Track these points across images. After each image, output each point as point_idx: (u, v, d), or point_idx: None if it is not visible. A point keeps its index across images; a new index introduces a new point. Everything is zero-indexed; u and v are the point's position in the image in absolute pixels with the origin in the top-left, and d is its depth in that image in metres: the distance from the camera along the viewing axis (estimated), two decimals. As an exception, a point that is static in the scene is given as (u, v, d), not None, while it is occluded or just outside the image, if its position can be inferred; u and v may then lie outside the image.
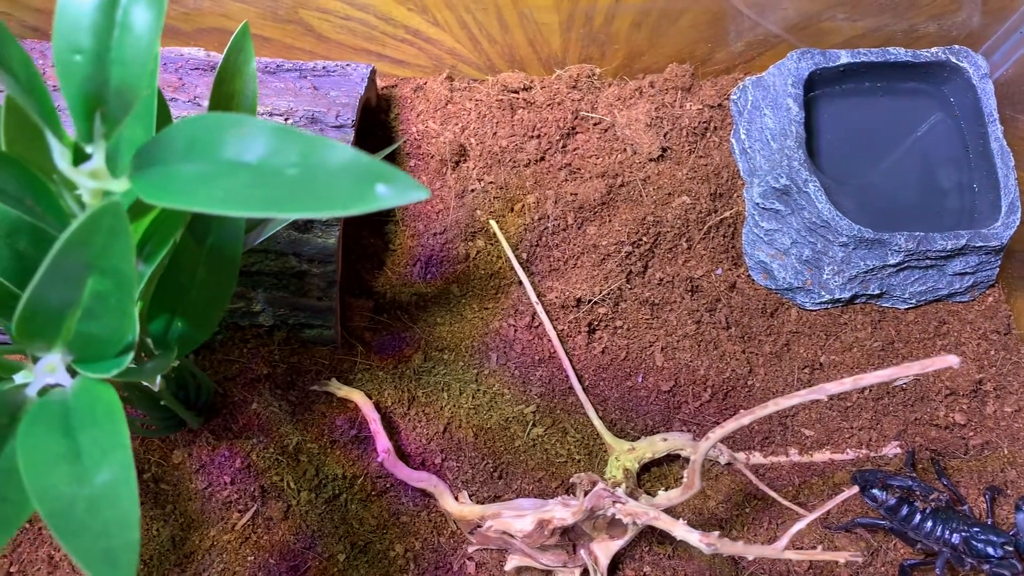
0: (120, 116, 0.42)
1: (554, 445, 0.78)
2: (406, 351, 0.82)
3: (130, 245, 0.37)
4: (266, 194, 0.37)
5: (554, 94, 0.90)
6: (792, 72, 0.83)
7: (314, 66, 0.82)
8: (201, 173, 0.38)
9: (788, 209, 0.81)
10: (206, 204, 0.37)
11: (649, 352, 0.81)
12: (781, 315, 0.83)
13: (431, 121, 0.90)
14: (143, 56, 0.40)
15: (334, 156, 0.37)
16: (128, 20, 0.41)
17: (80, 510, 0.38)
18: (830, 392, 0.61)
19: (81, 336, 0.43)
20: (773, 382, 0.81)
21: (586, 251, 0.83)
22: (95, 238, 0.37)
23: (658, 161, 0.86)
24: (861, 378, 0.60)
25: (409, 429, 0.79)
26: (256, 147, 0.38)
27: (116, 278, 0.39)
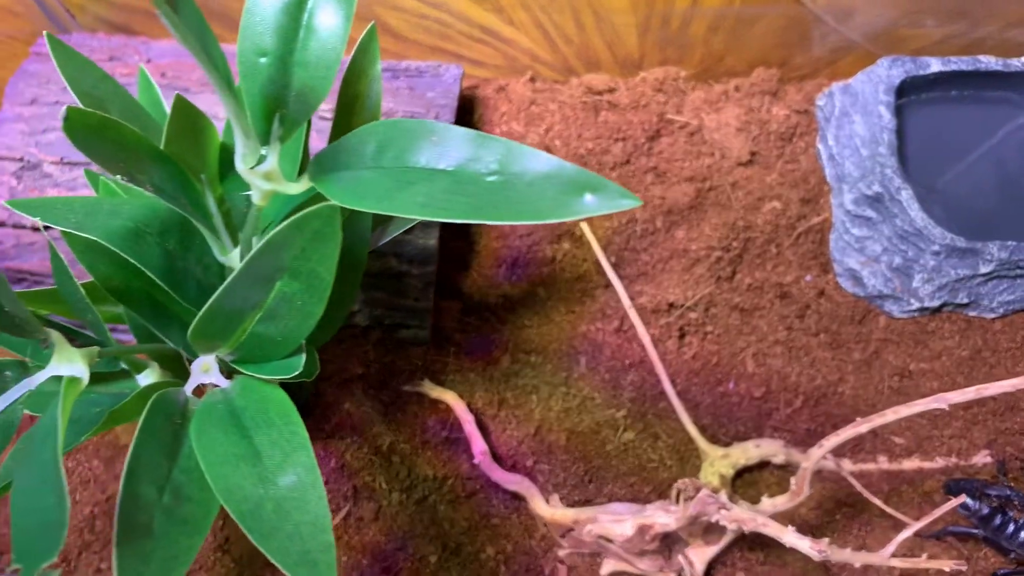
0: (299, 119, 0.42)
1: (645, 450, 0.78)
2: (494, 353, 0.82)
3: (336, 249, 0.37)
4: (467, 201, 0.37)
5: (639, 96, 0.90)
6: (883, 79, 0.83)
7: (407, 67, 0.82)
8: (398, 179, 0.38)
9: (880, 217, 0.81)
10: (406, 209, 0.37)
11: (740, 358, 0.81)
12: (869, 322, 0.83)
13: (515, 123, 0.90)
14: (328, 59, 0.40)
15: (535, 163, 0.37)
16: (313, 23, 0.41)
17: (268, 511, 0.38)
18: (951, 401, 0.61)
19: (255, 337, 0.43)
20: (863, 389, 0.81)
21: (675, 255, 0.83)
22: (296, 240, 0.37)
23: (747, 165, 0.86)
24: (985, 388, 0.60)
25: (499, 431, 0.79)
26: (452, 154, 0.38)
27: (308, 281, 0.39)
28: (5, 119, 0.73)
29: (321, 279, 0.39)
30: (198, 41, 0.32)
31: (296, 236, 0.37)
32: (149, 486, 0.38)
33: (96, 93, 0.51)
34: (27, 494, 0.36)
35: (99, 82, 0.51)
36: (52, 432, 0.37)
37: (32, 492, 0.36)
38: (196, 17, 0.32)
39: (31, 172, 0.72)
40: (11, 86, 0.75)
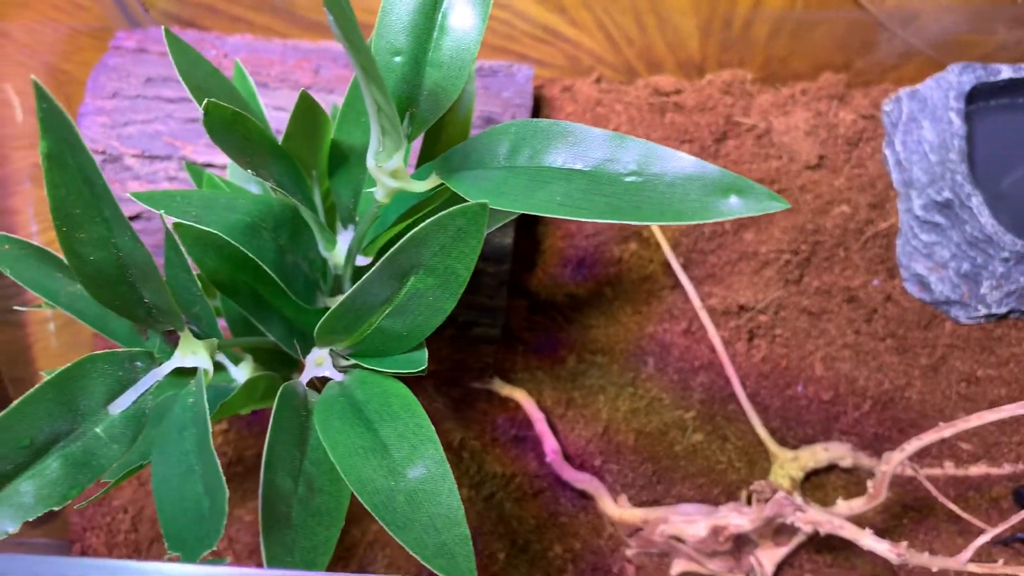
0: (429, 118, 0.42)
1: (714, 452, 0.78)
2: (561, 352, 0.82)
3: (478, 247, 0.38)
4: (606, 201, 0.37)
5: (706, 98, 0.90)
6: (954, 85, 0.83)
7: (480, 66, 0.83)
8: (532, 178, 0.39)
9: (949, 223, 0.82)
10: (544, 208, 0.37)
11: (808, 361, 0.81)
12: (936, 328, 0.83)
13: (580, 122, 0.90)
14: (462, 60, 0.41)
15: (676, 164, 0.37)
16: (447, 23, 0.41)
17: (401, 503, 0.39)
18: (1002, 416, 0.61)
19: (379, 331, 0.43)
20: (931, 394, 0.81)
21: (744, 257, 0.83)
22: (438, 238, 0.38)
23: (815, 169, 0.86)
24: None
25: (567, 430, 0.79)
26: (588, 154, 0.39)
27: (444, 277, 0.39)
28: (87, 112, 0.74)
29: (458, 275, 0.39)
30: (357, 43, 0.33)
31: (438, 233, 0.38)
32: (285, 477, 0.39)
33: (206, 87, 0.52)
34: (171, 483, 0.37)
35: (209, 76, 0.52)
36: (195, 422, 0.38)
37: (176, 481, 0.37)
38: (352, 21, 0.33)
39: (112, 165, 0.73)
40: (92, 80, 0.76)
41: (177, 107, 0.74)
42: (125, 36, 0.79)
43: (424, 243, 0.38)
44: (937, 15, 0.94)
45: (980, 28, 0.94)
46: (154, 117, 0.73)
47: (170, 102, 0.74)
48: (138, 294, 0.38)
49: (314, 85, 0.76)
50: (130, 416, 0.40)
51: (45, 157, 0.33)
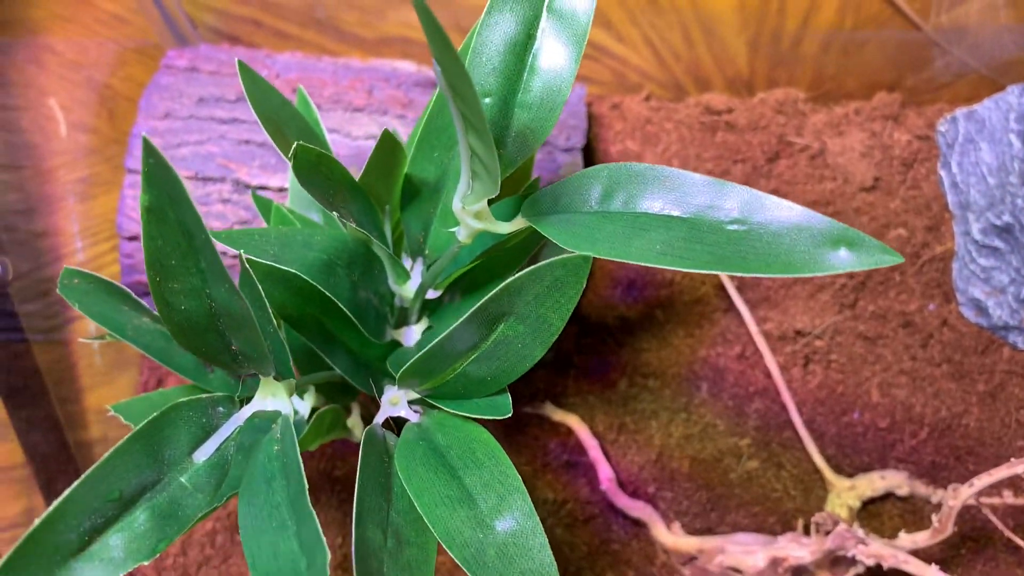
0: (516, 159, 0.41)
1: (769, 480, 0.77)
2: (612, 376, 0.81)
3: (575, 298, 0.37)
4: (708, 250, 0.36)
5: (758, 117, 0.89)
6: (1015, 107, 0.81)
7: (532, 85, 0.82)
8: (628, 224, 0.38)
9: (1008, 247, 0.80)
10: (642, 257, 0.36)
11: (865, 387, 0.79)
12: (992, 354, 0.82)
13: (630, 141, 0.89)
14: (552, 102, 0.40)
15: (781, 213, 0.36)
16: (537, 64, 0.40)
17: (491, 557, 0.38)
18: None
19: (462, 376, 0.42)
20: (989, 422, 0.79)
21: (798, 281, 0.82)
22: (533, 287, 0.37)
23: (870, 191, 0.85)
24: None
25: (620, 456, 0.78)
26: (687, 200, 0.38)
27: (536, 325, 0.38)
28: (140, 133, 0.74)
29: (550, 324, 0.38)
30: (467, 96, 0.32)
31: (534, 284, 0.37)
32: (375, 529, 0.38)
33: (276, 117, 0.51)
34: (263, 538, 0.36)
35: (280, 107, 0.51)
36: (285, 474, 0.37)
37: (269, 536, 0.36)
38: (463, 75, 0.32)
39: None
40: (145, 99, 0.75)
41: (230, 128, 0.74)
42: (176, 55, 0.78)
43: (519, 293, 0.37)
44: (990, 33, 0.92)
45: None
46: (207, 138, 0.73)
47: (222, 123, 0.74)
48: (226, 341, 0.38)
49: (367, 106, 0.75)
50: (213, 464, 0.40)
51: (145, 210, 0.32)
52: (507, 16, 0.39)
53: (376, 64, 0.82)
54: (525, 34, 0.40)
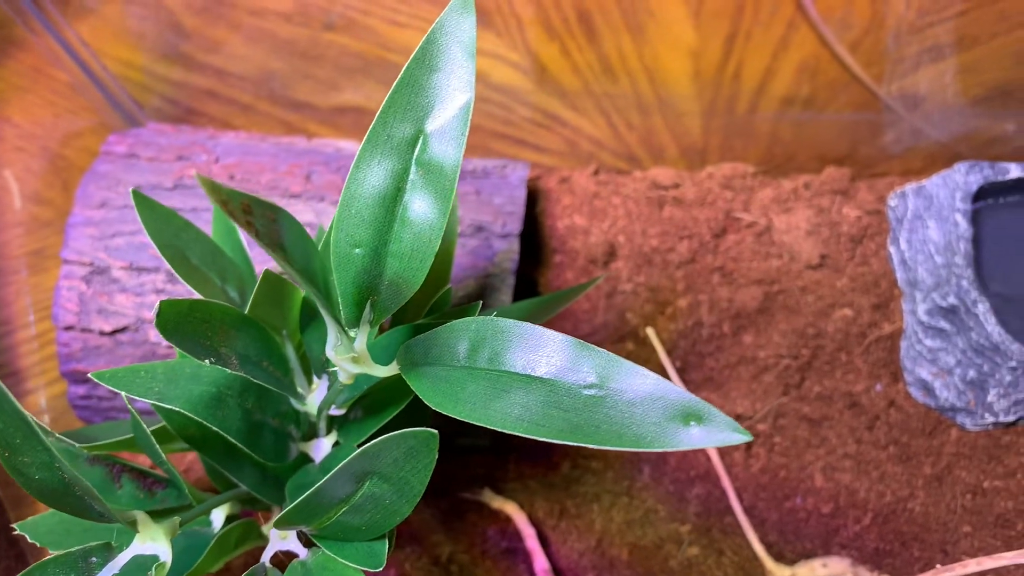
0: (391, 307, 0.41)
1: (710, 567, 0.76)
2: (554, 457, 0.81)
3: (430, 466, 0.37)
4: (565, 417, 0.36)
5: (705, 192, 0.88)
6: (960, 186, 0.81)
7: (473, 167, 0.82)
8: (490, 384, 0.37)
9: (954, 328, 0.79)
10: (500, 423, 0.36)
11: (808, 472, 0.79)
12: (940, 435, 0.81)
13: (577, 216, 0.89)
14: (422, 252, 0.40)
15: (635, 381, 0.36)
16: (408, 215, 0.40)
17: None
18: (1041, 558, 0.59)
19: (339, 524, 0.42)
20: (934, 507, 0.78)
21: (743, 362, 0.81)
22: (391, 452, 0.37)
23: (816, 269, 0.84)
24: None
25: (560, 542, 0.77)
26: (548, 360, 0.37)
27: (399, 486, 0.38)
28: (76, 223, 0.74)
29: (412, 487, 0.38)
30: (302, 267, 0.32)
31: (391, 448, 0.36)
32: None
33: (177, 243, 0.51)
34: None
35: (180, 231, 0.51)
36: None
37: None
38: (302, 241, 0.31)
39: (100, 277, 0.73)
40: (82, 188, 0.76)
41: (165, 217, 0.74)
42: (116, 140, 0.78)
43: (378, 456, 0.37)
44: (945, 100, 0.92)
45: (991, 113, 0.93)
46: (141, 228, 0.73)
47: (159, 212, 0.74)
48: (87, 504, 0.37)
49: (304, 192, 0.75)
50: (84, 621, 0.39)
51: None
52: (376, 169, 0.39)
53: (319, 144, 0.83)
54: (395, 187, 0.40)
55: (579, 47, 0.90)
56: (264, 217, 0.32)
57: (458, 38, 0.38)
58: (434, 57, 0.39)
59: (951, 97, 0.92)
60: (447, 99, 0.39)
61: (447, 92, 0.39)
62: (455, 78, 0.39)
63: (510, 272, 0.73)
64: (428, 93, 0.39)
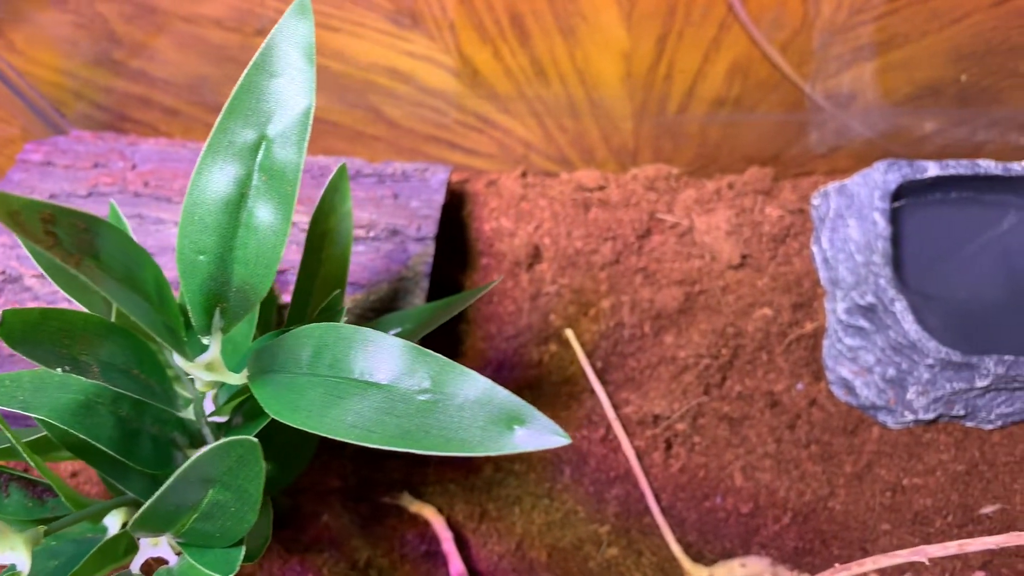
0: (240, 313, 0.41)
1: (629, 568, 0.76)
2: (477, 461, 0.81)
3: (260, 472, 0.37)
4: (397, 423, 0.36)
5: (629, 194, 0.89)
6: (879, 184, 0.81)
7: (393, 171, 0.82)
8: (331, 391, 0.37)
9: (873, 327, 0.80)
10: (334, 430, 0.36)
11: (728, 471, 0.79)
12: (862, 433, 0.81)
13: (504, 218, 0.89)
14: (267, 257, 0.40)
15: (467, 386, 0.36)
16: (252, 221, 0.40)
17: None
18: (931, 555, 0.59)
19: (194, 531, 0.42)
20: (854, 505, 0.79)
21: (663, 362, 0.81)
22: (224, 460, 0.37)
23: (737, 269, 0.84)
24: (967, 543, 0.58)
25: (480, 545, 0.77)
26: (386, 367, 0.37)
27: (239, 494, 0.38)
28: (-14, 231, 0.74)
29: (250, 494, 0.38)
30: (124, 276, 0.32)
31: (224, 457, 0.36)
32: None
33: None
34: None
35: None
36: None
37: None
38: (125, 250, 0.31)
39: (12, 286, 0.72)
40: (-5, 196, 0.75)
41: (77, 224, 0.73)
42: (32, 148, 0.78)
43: (212, 464, 0.37)
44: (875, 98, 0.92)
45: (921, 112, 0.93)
46: (53, 236, 0.72)
47: (71, 219, 0.74)
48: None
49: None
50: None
51: None
52: (218, 175, 0.39)
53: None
54: (238, 193, 0.40)
55: (511, 50, 0.90)
56: (71, 227, 0.32)
57: (297, 42, 0.38)
58: (274, 62, 0.39)
59: (881, 96, 0.93)
60: (288, 104, 0.39)
61: (287, 97, 0.39)
62: (295, 83, 0.39)
63: (424, 275, 0.73)
64: (269, 99, 0.39)
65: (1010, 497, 0.79)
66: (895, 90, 0.92)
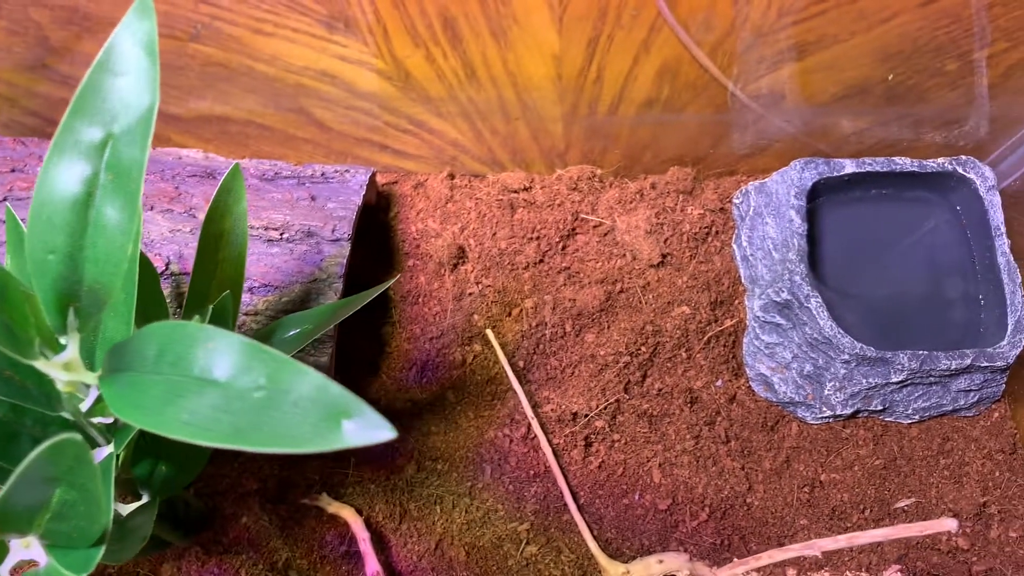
0: (94, 312, 0.41)
1: (548, 565, 0.77)
2: (399, 461, 0.81)
3: (94, 470, 0.37)
4: (232, 421, 0.36)
5: (554, 195, 0.89)
6: (795, 182, 0.82)
7: (312, 172, 0.82)
8: (170, 388, 0.37)
9: (789, 323, 0.80)
10: (173, 429, 0.36)
11: (647, 468, 0.79)
12: (781, 429, 0.82)
13: (431, 220, 0.89)
14: (117, 256, 0.40)
15: (302, 383, 0.36)
16: (102, 220, 0.40)
17: None
18: (824, 549, 0.60)
19: (52, 531, 0.42)
20: (772, 500, 0.79)
21: (584, 360, 0.82)
22: (62, 460, 0.37)
23: (658, 268, 0.85)
24: (855, 537, 0.59)
25: (400, 545, 0.77)
26: (225, 363, 0.37)
27: (83, 492, 0.38)
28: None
29: (93, 493, 0.38)
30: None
31: (61, 455, 0.36)
32: None
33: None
34: None
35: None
36: None
37: None
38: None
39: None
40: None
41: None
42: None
43: (50, 463, 0.37)
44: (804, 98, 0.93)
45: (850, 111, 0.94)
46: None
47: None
48: None
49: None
50: None
51: None
52: (65, 174, 0.39)
53: (161, 153, 0.82)
54: (86, 191, 0.40)
55: (443, 53, 0.90)
56: None
57: (139, 41, 0.39)
58: (117, 62, 0.39)
59: (809, 96, 0.93)
60: (132, 103, 0.39)
61: (131, 96, 0.39)
62: (139, 82, 0.39)
63: (337, 276, 0.73)
64: (113, 97, 0.39)
65: (926, 491, 0.80)
66: (823, 90, 0.93)
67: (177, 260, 0.73)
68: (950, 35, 0.85)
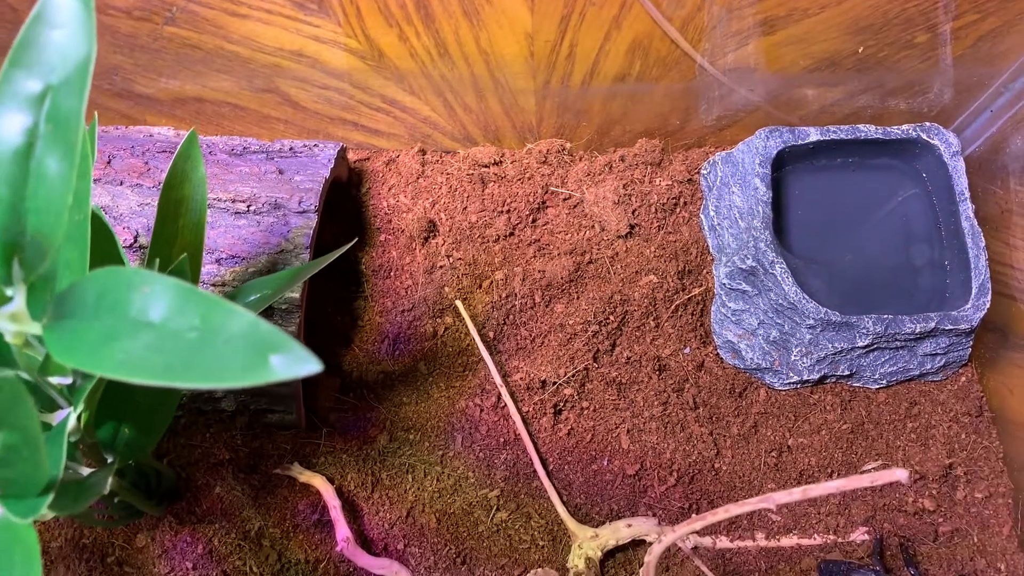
0: (37, 263, 0.42)
1: (518, 531, 0.77)
2: (371, 431, 0.82)
3: (31, 410, 0.38)
4: (165, 360, 0.37)
5: (524, 168, 0.90)
6: (760, 151, 0.82)
7: (280, 147, 0.83)
8: (107, 332, 0.38)
9: (755, 290, 0.81)
10: (107, 368, 0.37)
11: (615, 434, 0.80)
12: (749, 395, 0.83)
13: (402, 195, 0.90)
14: (58, 205, 0.41)
15: (233, 322, 0.37)
16: (43, 170, 0.41)
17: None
18: (779, 502, 0.60)
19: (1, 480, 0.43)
20: (740, 465, 0.80)
21: (553, 330, 0.83)
22: None
23: (626, 238, 0.86)
24: (809, 489, 0.60)
25: (372, 513, 0.78)
26: (160, 306, 0.38)
27: (23, 434, 0.39)
28: None
29: (32, 434, 0.39)
30: None
31: (-3, 398, 0.37)
32: None
33: None
34: None
35: None
36: None
37: None
38: None
39: None
40: None
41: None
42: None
43: (-12, 404, 0.38)
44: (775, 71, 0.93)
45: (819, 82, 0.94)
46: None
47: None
48: None
49: (103, 177, 0.76)
50: None
51: None
52: (7, 125, 0.40)
53: (133, 131, 0.83)
54: (27, 142, 0.41)
55: (416, 33, 0.91)
56: None
57: (76, -5, 0.39)
58: (54, 13, 0.40)
59: (780, 69, 0.94)
60: (69, 54, 0.40)
61: (69, 47, 0.40)
62: (76, 33, 0.40)
63: (304, 247, 0.74)
64: (51, 49, 0.40)
65: (892, 454, 0.80)
66: (794, 63, 0.93)
67: (146, 233, 0.74)
68: (919, 7, 0.85)
